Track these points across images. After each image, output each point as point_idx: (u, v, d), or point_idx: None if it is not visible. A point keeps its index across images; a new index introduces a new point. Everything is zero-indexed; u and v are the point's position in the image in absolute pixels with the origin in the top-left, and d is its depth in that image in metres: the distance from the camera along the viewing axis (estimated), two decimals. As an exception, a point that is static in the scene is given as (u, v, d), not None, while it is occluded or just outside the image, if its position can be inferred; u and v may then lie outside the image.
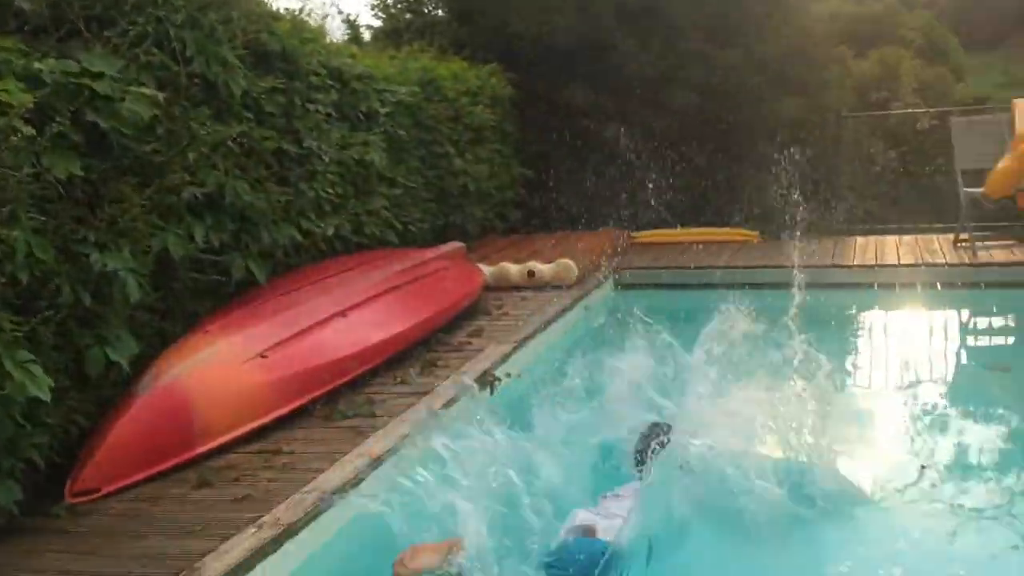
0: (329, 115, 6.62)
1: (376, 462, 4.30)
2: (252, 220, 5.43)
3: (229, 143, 5.20)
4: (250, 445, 4.62)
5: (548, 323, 7.04)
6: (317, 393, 5.10)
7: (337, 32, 11.12)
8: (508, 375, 5.75)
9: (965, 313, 7.25)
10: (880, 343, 6.68)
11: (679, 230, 10.26)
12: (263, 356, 4.90)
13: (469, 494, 3.53)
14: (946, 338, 6.64)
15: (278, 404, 4.85)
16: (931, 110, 11.80)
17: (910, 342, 6.61)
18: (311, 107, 6.36)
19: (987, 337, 6.61)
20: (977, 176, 8.98)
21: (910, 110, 11.93)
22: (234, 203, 5.19)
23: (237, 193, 5.16)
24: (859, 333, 7.09)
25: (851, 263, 8.57)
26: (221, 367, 4.70)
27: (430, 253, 7.41)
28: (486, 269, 8.16)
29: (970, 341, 6.51)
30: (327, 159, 6.39)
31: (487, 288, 7.92)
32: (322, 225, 6.34)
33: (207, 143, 4.94)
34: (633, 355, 4.81)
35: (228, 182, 5.13)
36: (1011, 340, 6.51)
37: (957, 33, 18.19)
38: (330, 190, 6.46)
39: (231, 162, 5.25)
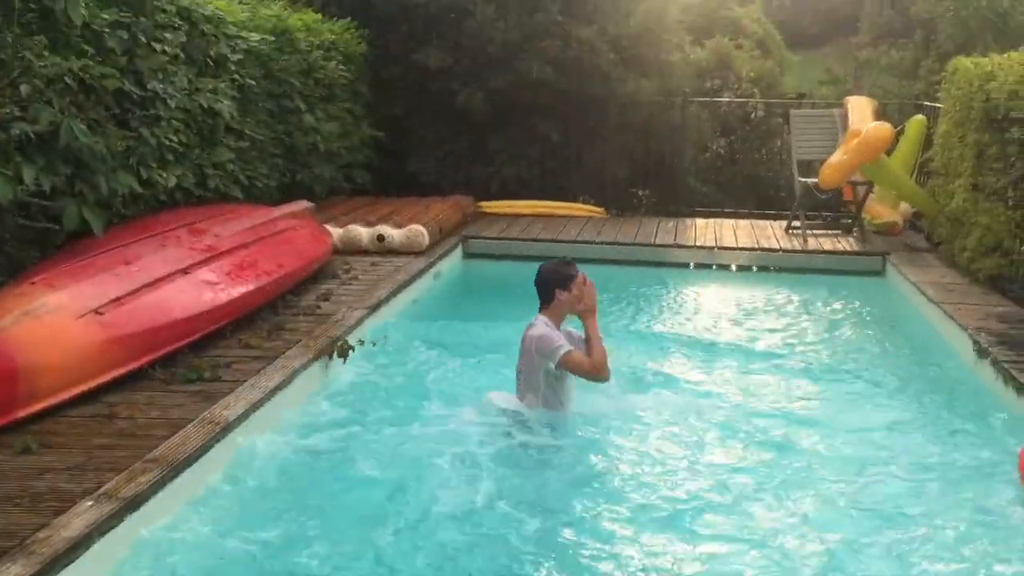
0: (176, 57, 6.17)
1: (225, 430, 4.06)
2: (88, 165, 4.98)
3: (66, 78, 4.73)
4: (82, 408, 4.26)
5: (398, 290, 6.89)
6: (157, 355, 4.77)
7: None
8: (361, 342, 5.58)
9: (798, 295, 7.63)
10: (719, 321, 6.92)
11: (527, 202, 10.27)
12: (99, 313, 4.52)
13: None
14: (780, 318, 6.97)
15: (114, 365, 4.50)
16: (761, 101, 12.32)
17: (750, 321, 6.89)
18: (157, 46, 5.90)
19: (819, 319, 6.97)
20: (810, 166, 9.47)
21: (742, 99, 12.39)
22: (69, 145, 4.74)
23: (73, 134, 4.72)
24: (696, 311, 7.31)
25: (693, 243, 8.84)
26: (51, 322, 4.30)
27: (278, 211, 7.08)
28: (334, 231, 7.89)
29: (804, 323, 6.85)
30: (172, 104, 5.95)
31: (335, 251, 7.67)
32: (164, 175, 5.92)
33: (42, 76, 4.47)
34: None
35: (64, 121, 4.67)
36: (838, 322, 6.89)
37: (784, 32, 19.22)
38: (174, 137, 6.04)
39: (67, 99, 4.80)
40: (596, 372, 4.52)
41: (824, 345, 6.34)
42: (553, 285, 4.62)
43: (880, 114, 9.77)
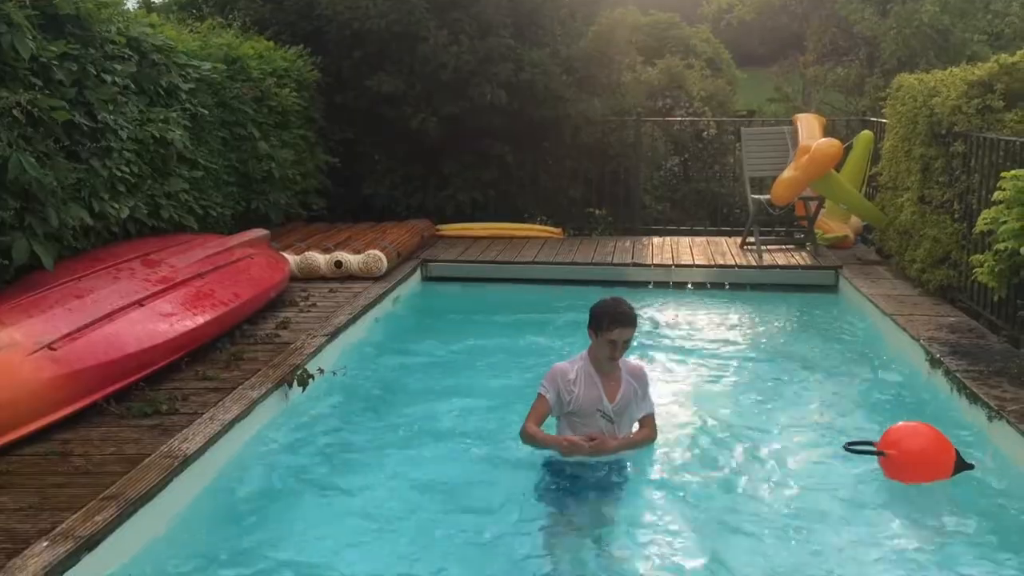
0: (127, 87, 6.12)
1: (184, 464, 4.01)
2: (38, 198, 4.91)
3: (14, 112, 4.67)
4: (35, 446, 4.18)
5: (358, 316, 6.86)
6: (112, 389, 4.70)
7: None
8: (321, 370, 5.54)
9: (754, 310, 7.72)
10: (677, 338, 6.97)
11: (484, 224, 10.30)
12: (51, 348, 4.45)
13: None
14: (740, 335, 7.04)
15: (68, 401, 4.43)
16: (712, 119, 12.50)
17: (711, 339, 6.95)
18: (107, 78, 5.85)
19: (777, 334, 7.06)
20: (762, 183, 9.61)
21: (694, 118, 12.57)
22: (18, 178, 4.69)
23: (22, 167, 4.66)
24: (655, 329, 7.35)
25: (650, 262, 8.91)
26: (1, 359, 4.23)
27: (234, 240, 7.03)
28: (291, 258, 7.84)
29: (762, 338, 6.93)
30: (124, 135, 5.89)
31: (292, 278, 7.62)
32: (116, 206, 5.85)
33: (-11, 110, 4.42)
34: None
35: (12, 155, 4.61)
36: (796, 336, 6.99)
37: (733, 51, 19.59)
38: (126, 169, 5.97)
39: (16, 133, 4.73)
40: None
41: (780, 359, 6.39)
42: (589, 321, 4.20)
43: (828, 130, 9.94)
